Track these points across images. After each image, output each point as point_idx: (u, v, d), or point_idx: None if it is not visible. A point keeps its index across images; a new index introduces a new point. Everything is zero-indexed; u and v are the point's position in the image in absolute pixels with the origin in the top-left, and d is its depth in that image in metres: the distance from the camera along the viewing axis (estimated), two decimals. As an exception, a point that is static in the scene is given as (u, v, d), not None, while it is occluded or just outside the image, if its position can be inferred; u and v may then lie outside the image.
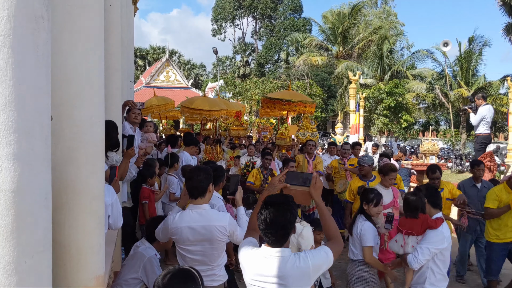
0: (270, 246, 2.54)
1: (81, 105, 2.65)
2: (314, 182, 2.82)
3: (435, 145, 12.89)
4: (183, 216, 3.49)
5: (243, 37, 62.51)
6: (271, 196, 2.61)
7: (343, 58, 36.37)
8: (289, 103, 11.43)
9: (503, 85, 28.51)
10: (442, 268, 4.13)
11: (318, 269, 2.54)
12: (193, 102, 12.90)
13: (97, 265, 2.81)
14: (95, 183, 2.77)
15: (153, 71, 41.88)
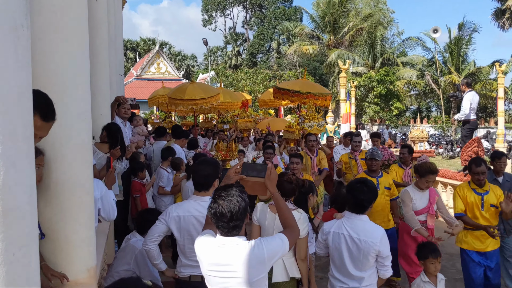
0: (224, 236, 2.57)
1: (68, 102, 2.72)
2: (269, 173, 2.88)
3: (423, 132, 13.00)
4: (185, 206, 3.55)
5: (234, 27, 62.35)
6: (218, 189, 2.63)
7: (334, 46, 36.42)
8: (298, 95, 10.40)
9: (492, 70, 28.69)
10: None
11: (273, 256, 2.59)
12: (185, 92, 11.35)
13: (89, 257, 2.89)
14: (83, 178, 2.85)
15: (144, 63, 41.75)
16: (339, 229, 3.68)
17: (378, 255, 3.56)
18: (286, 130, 10.70)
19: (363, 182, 3.74)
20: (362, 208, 3.65)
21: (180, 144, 7.63)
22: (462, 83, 11.11)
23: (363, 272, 3.60)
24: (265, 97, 16.14)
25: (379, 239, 3.52)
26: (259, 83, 34.36)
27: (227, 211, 2.47)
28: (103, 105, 5.32)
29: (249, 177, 2.93)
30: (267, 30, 53.34)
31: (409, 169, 7.20)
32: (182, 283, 3.54)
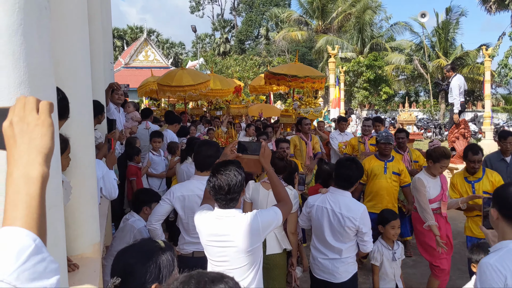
0: (222, 209, 2.75)
1: (72, 85, 2.84)
2: (263, 151, 3.05)
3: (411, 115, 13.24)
4: (188, 185, 3.75)
5: (222, 13, 61.99)
6: (216, 164, 2.81)
7: (323, 32, 36.48)
8: (295, 79, 10.19)
9: (479, 54, 28.98)
10: None
11: (267, 227, 2.78)
12: (173, 79, 11.09)
13: (94, 233, 3.04)
14: (86, 157, 2.99)
15: (132, 51, 41.45)
16: (323, 203, 3.88)
17: (358, 230, 3.76)
18: (283, 115, 10.72)
19: (352, 160, 3.94)
20: (349, 184, 3.84)
21: (173, 129, 7.75)
22: (447, 69, 11.09)
23: (342, 244, 3.81)
24: (255, 83, 16.09)
25: (360, 216, 3.72)
26: (249, 69, 34.38)
27: (225, 184, 2.64)
28: (97, 92, 5.40)
29: (244, 155, 3.10)
30: (255, 17, 53.15)
31: (407, 154, 7.04)
32: (184, 259, 3.71)
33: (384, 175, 5.94)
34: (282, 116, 10.74)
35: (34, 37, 1.28)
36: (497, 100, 30.43)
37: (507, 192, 2.39)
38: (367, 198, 6.11)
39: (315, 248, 3.99)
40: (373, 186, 5.98)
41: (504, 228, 2.37)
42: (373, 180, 5.99)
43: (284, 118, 10.56)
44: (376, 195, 5.93)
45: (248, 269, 2.74)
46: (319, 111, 10.34)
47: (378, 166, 6.00)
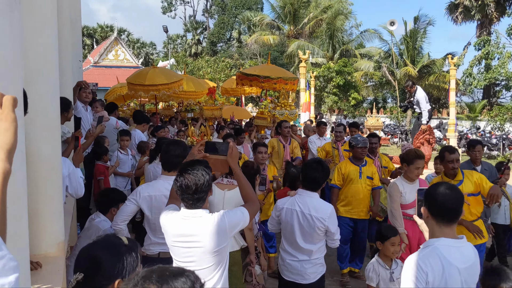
0: (188, 209, 2.73)
1: (37, 81, 2.79)
2: (231, 151, 3.04)
3: (378, 120, 13.51)
4: (155, 185, 3.69)
5: (194, 15, 61.72)
6: (184, 163, 2.80)
7: (294, 37, 36.79)
8: (268, 80, 10.09)
9: (445, 62, 29.69)
10: None
11: (234, 227, 2.79)
12: (146, 77, 10.62)
13: (58, 232, 2.98)
14: (52, 154, 2.94)
15: (101, 50, 40.76)
16: (292, 205, 3.91)
17: (327, 230, 3.82)
18: (258, 117, 10.58)
19: (319, 162, 4.00)
20: (316, 185, 3.88)
21: (141, 129, 7.66)
22: (409, 85, 11.38)
23: (312, 245, 3.86)
24: (227, 85, 16.02)
25: (328, 215, 3.78)
26: (220, 71, 34.34)
27: (192, 183, 2.63)
28: (65, 88, 5.31)
29: (211, 155, 3.08)
30: (227, 19, 53.12)
31: (377, 159, 6.95)
32: (150, 260, 3.67)
33: (359, 180, 5.93)
34: (257, 118, 10.63)
35: (5, 30, 1.26)
36: (462, 108, 31.26)
37: (435, 192, 2.48)
38: (342, 203, 6.01)
39: (284, 250, 4.01)
40: (349, 190, 5.93)
41: (433, 226, 2.49)
42: (349, 185, 5.94)
43: (259, 120, 10.44)
44: (352, 200, 5.92)
45: (215, 269, 2.73)
46: (294, 114, 10.25)
47: (354, 170, 5.96)
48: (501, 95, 30.32)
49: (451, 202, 2.44)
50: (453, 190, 2.49)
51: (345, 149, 7.53)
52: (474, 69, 27.31)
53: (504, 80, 27.09)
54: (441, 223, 2.46)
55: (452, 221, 2.46)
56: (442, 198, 2.44)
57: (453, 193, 2.46)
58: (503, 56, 25.33)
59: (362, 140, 6.03)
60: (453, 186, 2.53)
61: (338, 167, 6.10)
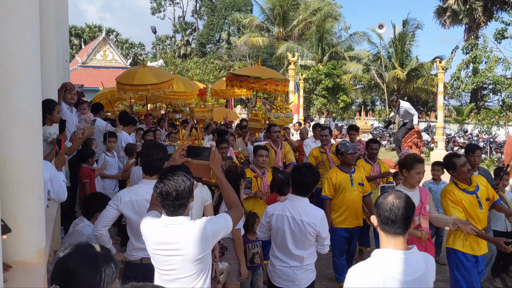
0: (169, 216, 2.66)
1: (17, 83, 2.71)
2: (213, 156, 2.99)
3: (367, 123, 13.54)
4: (136, 190, 3.57)
5: (183, 16, 61.49)
6: (164, 169, 2.72)
7: (284, 39, 36.79)
8: (258, 81, 9.88)
9: (434, 66, 29.89)
10: None
11: (217, 234, 2.72)
12: (135, 77, 10.21)
13: (38, 238, 2.90)
14: (32, 159, 2.85)
15: (89, 50, 40.54)
16: (282, 211, 3.84)
17: (318, 235, 3.77)
18: (252, 119, 10.26)
19: (308, 166, 3.93)
20: (306, 190, 3.83)
21: (127, 131, 7.56)
22: (394, 100, 11.64)
23: (303, 251, 3.80)
24: (216, 87, 15.89)
25: (319, 221, 3.73)
26: (209, 73, 34.25)
27: (172, 190, 2.56)
28: (49, 90, 5.23)
29: (193, 160, 3.02)
30: (217, 20, 53.02)
31: (376, 165, 6.77)
32: (132, 266, 3.59)
33: (351, 188, 5.76)
34: (251, 120, 10.30)
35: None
36: (450, 111, 31.47)
37: (380, 203, 2.43)
38: (336, 214, 5.81)
39: (275, 257, 3.94)
40: (342, 200, 5.73)
41: (381, 236, 2.43)
42: (342, 194, 5.73)
43: (253, 122, 10.14)
44: (346, 209, 5.73)
45: (197, 278, 2.67)
46: (290, 117, 9.85)
47: (345, 179, 5.75)
48: (488, 98, 30.58)
49: (396, 213, 2.35)
50: (402, 199, 2.40)
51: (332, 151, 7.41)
52: (461, 73, 27.50)
53: (491, 83, 27.29)
54: (388, 234, 2.39)
55: (398, 232, 2.37)
56: (390, 208, 2.37)
57: (401, 203, 2.38)
58: (490, 60, 25.52)
59: (351, 146, 5.84)
60: (403, 195, 2.43)
61: (328, 177, 5.82)
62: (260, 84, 9.97)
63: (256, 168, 6.09)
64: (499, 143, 20.55)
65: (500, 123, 24.09)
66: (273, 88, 10.09)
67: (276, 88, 10.12)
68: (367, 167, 6.73)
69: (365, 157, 6.92)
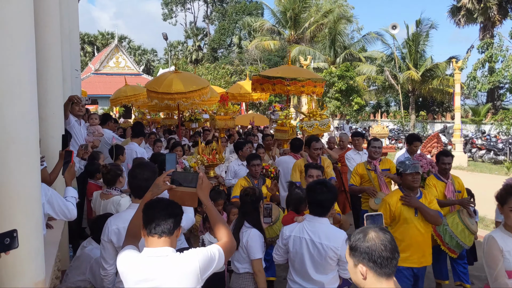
0: (153, 247, 2.41)
1: (10, 103, 2.49)
2: (201, 182, 2.72)
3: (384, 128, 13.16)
4: (124, 216, 3.22)
5: (195, 21, 61.71)
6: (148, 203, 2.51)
7: (295, 42, 36.51)
8: (294, 83, 8.49)
9: (449, 66, 29.43)
10: None
11: (207, 268, 2.44)
12: (161, 84, 9.34)
13: (36, 271, 2.68)
14: (29, 184, 2.64)
15: (102, 57, 40.81)
16: (300, 233, 3.55)
17: (340, 259, 3.48)
18: (278, 129, 9.00)
19: (322, 183, 3.64)
20: (323, 209, 3.56)
21: (138, 142, 7.33)
22: None
23: (324, 276, 3.51)
24: (234, 91, 15.17)
25: (341, 244, 3.44)
26: (220, 78, 34.12)
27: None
28: (55, 103, 5.03)
29: (179, 187, 2.74)
30: (228, 25, 52.99)
31: (450, 182, 5.66)
32: None
33: (415, 218, 4.61)
34: (277, 131, 8.99)
35: None
36: (466, 111, 30.90)
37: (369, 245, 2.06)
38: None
39: (293, 281, 3.64)
40: (404, 234, 4.59)
41: (372, 282, 2.07)
42: (402, 226, 4.63)
43: (279, 133, 8.85)
44: (409, 246, 4.55)
45: None
46: (326, 125, 8.54)
47: (406, 208, 4.63)
48: (505, 98, 30.00)
49: (391, 249, 2.05)
50: (386, 233, 2.10)
51: (384, 169, 6.32)
52: (477, 72, 26.99)
53: (508, 83, 26.77)
54: (381, 277, 2.05)
55: (393, 271, 2.06)
56: (385, 246, 2.04)
57: (389, 237, 2.08)
58: (506, 59, 25.01)
59: (411, 164, 4.63)
60: (383, 228, 2.12)
61: (387, 202, 4.71)
62: (297, 86, 8.60)
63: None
64: (518, 144, 20.03)
65: (518, 123, 23.53)
66: (311, 90, 8.74)
67: (314, 90, 8.78)
68: (439, 185, 5.62)
69: (436, 173, 5.82)
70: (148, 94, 9.87)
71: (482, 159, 20.74)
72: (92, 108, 23.54)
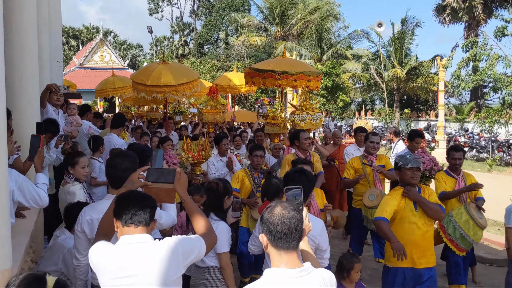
0: (128, 225, 2.32)
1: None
2: (178, 177, 2.66)
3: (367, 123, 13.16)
4: (99, 207, 3.10)
5: (181, 16, 61.26)
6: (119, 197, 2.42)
7: (282, 38, 36.48)
8: (286, 76, 8.04)
9: (433, 64, 29.68)
10: None
11: (189, 255, 2.40)
12: (149, 76, 8.65)
13: (3, 259, 2.59)
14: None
15: (87, 51, 40.29)
16: None
17: (317, 247, 3.44)
18: (270, 123, 8.60)
19: (300, 171, 3.60)
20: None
21: (117, 133, 7.22)
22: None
23: None
24: (223, 82, 14.13)
25: (319, 232, 3.41)
26: (206, 73, 33.94)
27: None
28: (31, 91, 4.91)
29: (154, 184, 2.66)
30: (215, 21, 52.73)
31: (461, 178, 5.45)
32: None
33: (414, 215, 4.27)
34: (268, 124, 8.59)
35: None
36: (450, 110, 31.21)
37: (268, 217, 2.14)
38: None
39: None
40: (401, 232, 4.23)
41: (273, 255, 2.14)
42: (400, 224, 4.29)
43: (270, 127, 8.46)
44: (405, 244, 4.11)
45: None
46: (318, 119, 8.17)
47: (405, 203, 4.32)
48: (488, 97, 30.33)
49: (288, 225, 2.08)
50: (290, 209, 2.14)
51: (381, 165, 6.16)
52: (462, 71, 27.25)
53: (491, 82, 27.05)
54: (281, 250, 2.10)
55: (291, 247, 2.10)
56: (281, 221, 2.10)
57: (291, 214, 2.12)
58: (490, 58, 25.26)
59: (413, 158, 4.35)
60: (290, 206, 2.16)
61: (388, 196, 4.41)
62: (288, 80, 8.17)
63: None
64: (500, 142, 20.27)
65: (501, 122, 23.82)
66: (304, 84, 8.31)
67: (308, 84, 8.33)
68: (449, 181, 5.42)
69: (446, 170, 5.65)
70: (134, 86, 9.21)
71: (464, 156, 20.94)
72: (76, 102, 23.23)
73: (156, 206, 2.46)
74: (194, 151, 6.85)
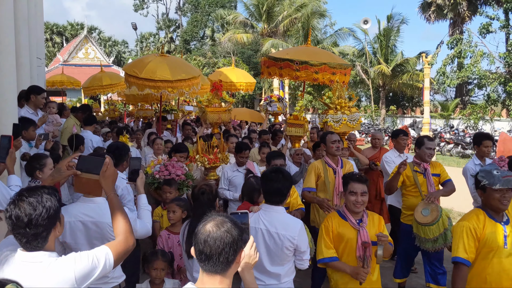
0: (25, 251, 2.07)
1: None
2: (105, 169, 2.47)
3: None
4: (71, 210, 2.98)
5: (167, 12, 60.87)
6: (22, 189, 2.17)
7: (268, 35, 36.40)
8: (305, 67, 6.84)
9: (419, 61, 29.81)
10: None
11: (87, 276, 2.12)
12: (143, 68, 7.63)
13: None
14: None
15: (71, 48, 39.86)
16: (256, 223, 3.38)
17: (296, 249, 3.37)
18: (292, 123, 7.29)
19: (278, 170, 3.51)
20: (281, 197, 3.42)
21: (91, 130, 7.14)
22: None
23: (280, 268, 3.39)
24: (215, 77, 12.31)
25: (297, 233, 3.32)
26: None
27: (24, 214, 2.00)
28: (8, 89, 4.78)
29: (84, 174, 2.50)
30: (201, 17, 52.42)
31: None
32: None
33: (504, 250, 3.31)
34: (290, 125, 7.27)
35: None
36: (435, 106, 31.39)
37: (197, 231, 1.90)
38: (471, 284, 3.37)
39: None
40: (489, 268, 3.30)
41: (200, 271, 1.94)
42: (488, 259, 3.31)
43: (294, 128, 7.17)
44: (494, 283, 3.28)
45: None
46: (356, 120, 6.82)
47: (493, 233, 3.30)
48: (473, 93, 30.59)
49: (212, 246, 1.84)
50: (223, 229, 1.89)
51: (435, 174, 5.27)
52: (447, 68, 27.43)
53: (476, 78, 27.28)
54: (203, 271, 1.89)
55: (214, 271, 1.87)
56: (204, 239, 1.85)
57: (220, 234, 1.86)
58: (475, 54, 25.48)
59: (503, 177, 3.25)
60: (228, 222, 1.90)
61: (469, 226, 3.34)
62: (308, 72, 6.88)
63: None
64: (485, 138, 20.41)
65: (485, 118, 24.02)
66: (327, 78, 6.96)
67: (332, 78, 6.98)
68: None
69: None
70: (126, 78, 8.13)
71: (450, 153, 21.11)
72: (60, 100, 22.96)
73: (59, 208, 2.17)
74: (209, 155, 5.96)
